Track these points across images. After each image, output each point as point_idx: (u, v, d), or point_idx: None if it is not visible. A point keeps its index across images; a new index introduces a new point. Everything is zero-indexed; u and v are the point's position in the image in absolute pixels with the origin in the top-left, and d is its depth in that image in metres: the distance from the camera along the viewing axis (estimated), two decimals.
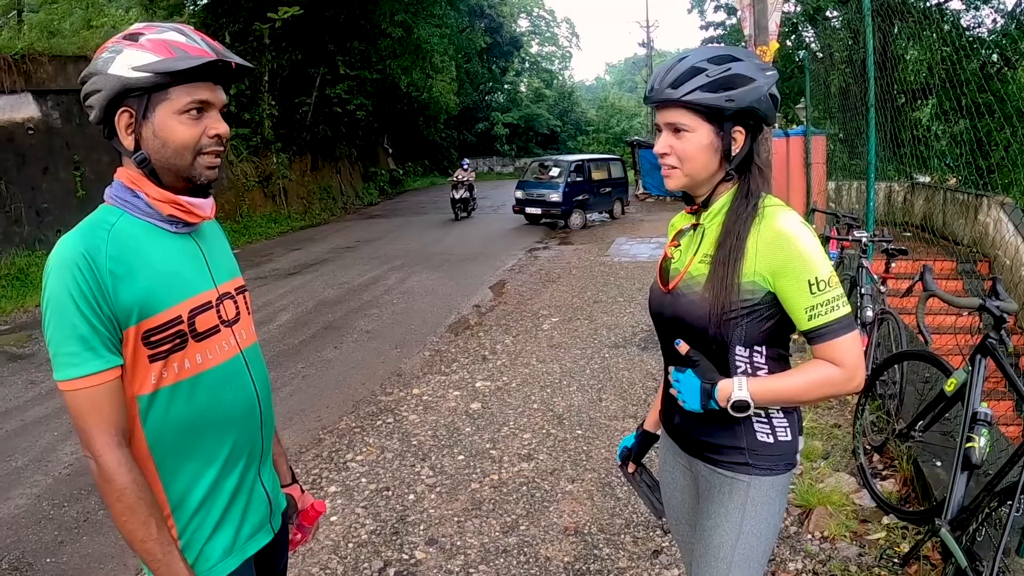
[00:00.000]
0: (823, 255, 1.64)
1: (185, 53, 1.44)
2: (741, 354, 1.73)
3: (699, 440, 1.85)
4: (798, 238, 1.63)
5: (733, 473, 1.78)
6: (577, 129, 59.92)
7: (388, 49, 26.31)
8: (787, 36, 21.55)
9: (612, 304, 9.10)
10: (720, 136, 1.68)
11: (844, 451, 4.32)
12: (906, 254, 5.12)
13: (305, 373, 6.76)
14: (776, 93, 1.69)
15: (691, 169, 1.72)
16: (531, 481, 4.35)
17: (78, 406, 1.39)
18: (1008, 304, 2.98)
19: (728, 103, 1.63)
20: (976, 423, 2.82)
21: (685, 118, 1.68)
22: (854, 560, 3.28)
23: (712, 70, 1.65)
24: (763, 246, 1.65)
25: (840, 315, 1.63)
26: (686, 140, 1.69)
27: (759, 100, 1.65)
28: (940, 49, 8.66)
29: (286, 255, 14.84)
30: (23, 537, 4.04)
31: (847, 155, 11.77)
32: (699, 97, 1.64)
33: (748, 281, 1.66)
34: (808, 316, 1.63)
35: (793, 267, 1.62)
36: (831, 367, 1.65)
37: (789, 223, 1.65)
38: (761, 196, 1.72)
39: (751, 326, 1.70)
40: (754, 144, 1.73)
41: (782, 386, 1.68)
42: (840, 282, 1.66)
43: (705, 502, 1.86)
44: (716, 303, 1.68)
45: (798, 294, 1.63)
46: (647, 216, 20.77)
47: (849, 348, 1.64)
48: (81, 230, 1.45)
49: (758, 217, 1.68)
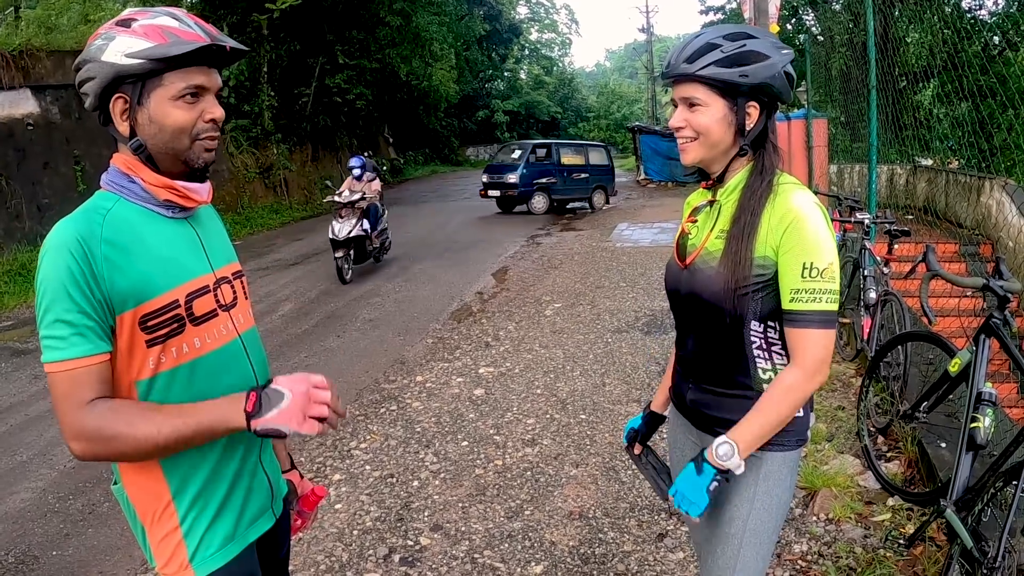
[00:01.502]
0: (829, 243, 1.64)
1: (178, 38, 1.42)
2: (756, 329, 1.74)
3: (713, 416, 1.85)
4: (807, 218, 1.64)
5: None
6: (578, 116, 59.88)
7: (387, 38, 26.18)
8: (787, 20, 21.41)
9: (615, 289, 9.09)
10: (734, 111, 1.70)
11: (848, 433, 4.31)
12: (909, 235, 5.10)
13: (308, 362, 6.77)
14: (791, 71, 1.70)
15: (707, 142, 1.73)
16: (535, 466, 4.35)
17: (59, 389, 1.38)
18: (1012, 284, 2.96)
19: (742, 78, 1.65)
20: (980, 403, 2.81)
21: (700, 92, 1.70)
22: (859, 542, 3.28)
23: (727, 46, 1.67)
24: (775, 222, 1.67)
25: (820, 308, 1.63)
26: (700, 113, 1.71)
27: (773, 77, 1.66)
28: (941, 31, 8.62)
29: (288, 245, 14.84)
30: (29, 530, 4.05)
31: (849, 138, 11.72)
32: (713, 72, 1.66)
33: (760, 256, 1.68)
34: (790, 297, 1.65)
35: (794, 244, 1.64)
36: (787, 374, 1.68)
37: (802, 202, 1.67)
38: (777, 173, 1.74)
39: (765, 301, 1.71)
40: (768, 121, 1.75)
41: (761, 423, 1.68)
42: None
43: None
44: (731, 278, 1.69)
45: (790, 272, 1.65)
46: (649, 201, 20.72)
47: (814, 343, 1.65)
48: (77, 215, 1.44)
49: (772, 193, 1.70)
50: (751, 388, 1.77)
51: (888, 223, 5.14)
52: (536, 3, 63.89)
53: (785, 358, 1.75)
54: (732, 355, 1.78)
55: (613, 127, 56.62)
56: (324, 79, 23.77)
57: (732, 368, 1.79)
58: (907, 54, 10.68)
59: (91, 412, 1.38)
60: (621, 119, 55.58)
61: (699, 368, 1.88)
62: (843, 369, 5.44)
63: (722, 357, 1.81)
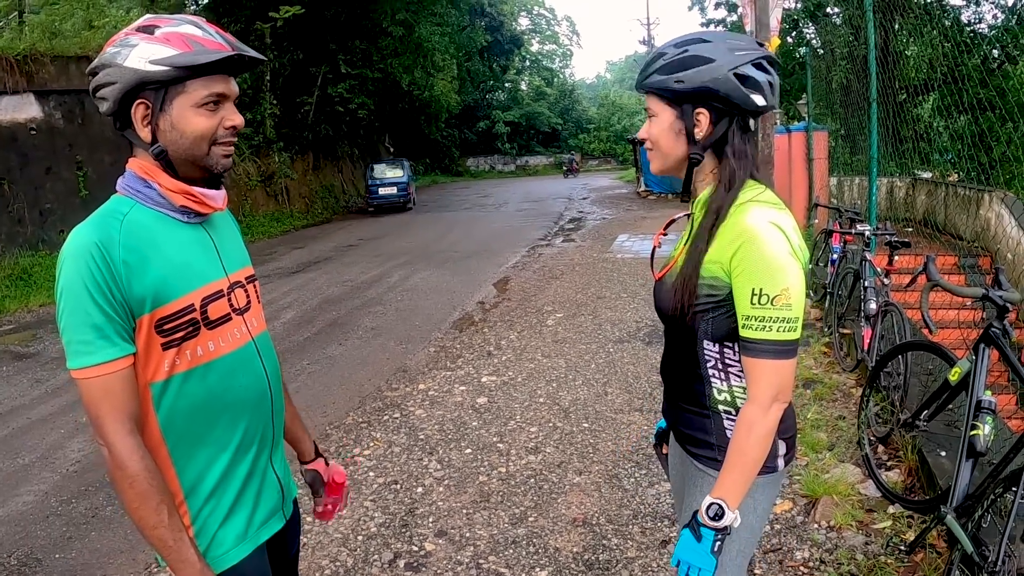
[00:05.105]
0: (785, 267, 1.54)
1: (202, 47, 1.45)
2: (710, 349, 1.70)
3: (681, 430, 1.85)
4: (759, 240, 1.55)
5: (704, 467, 1.77)
6: (578, 127, 60.01)
7: (389, 48, 26.34)
8: (788, 32, 21.51)
9: (615, 300, 9.12)
10: (682, 119, 1.66)
11: (849, 442, 4.33)
12: (909, 246, 5.14)
13: (311, 369, 6.79)
14: (749, 73, 1.60)
15: (659, 153, 1.72)
16: (539, 473, 4.37)
17: (91, 394, 1.40)
18: (1011, 294, 3.00)
19: (677, 84, 1.62)
20: (980, 411, 2.84)
21: (652, 103, 1.70)
22: (860, 548, 3.30)
23: (671, 53, 1.65)
24: (726, 241, 1.59)
25: (771, 338, 1.55)
26: (653, 124, 1.71)
27: (715, 80, 1.58)
28: (941, 45, 8.67)
29: (289, 253, 14.88)
30: (32, 533, 4.07)
31: (849, 151, 11.78)
32: (654, 80, 1.66)
33: (710, 275, 1.62)
34: (742, 323, 1.58)
35: (745, 268, 1.56)
36: (745, 410, 1.60)
37: (756, 221, 1.57)
38: (747, 187, 1.65)
39: (718, 322, 1.65)
40: (729, 130, 1.66)
41: (739, 470, 1.61)
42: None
43: (686, 492, 1.87)
44: (680, 293, 1.65)
45: (741, 298, 1.57)
46: (649, 213, 20.74)
47: (764, 374, 1.57)
48: (94, 220, 1.46)
49: (735, 208, 1.62)
50: (707, 407, 1.74)
51: (888, 235, 5.18)
52: (538, 14, 64.21)
53: (743, 379, 1.68)
54: (691, 373, 1.76)
55: (613, 139, 56.74)
56: (326, 88, 23.89)
57: (690, 385, 1.77)
58: (907, 67, 10.74)
59: (128, 440, 1.42)
60: (621, 131, 55.60)
61: (669, 381, 1.89)
62: (844, 379, 5.46)
63: (683, 373, 1.79)
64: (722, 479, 1.62)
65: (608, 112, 60.74)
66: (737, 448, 1.61)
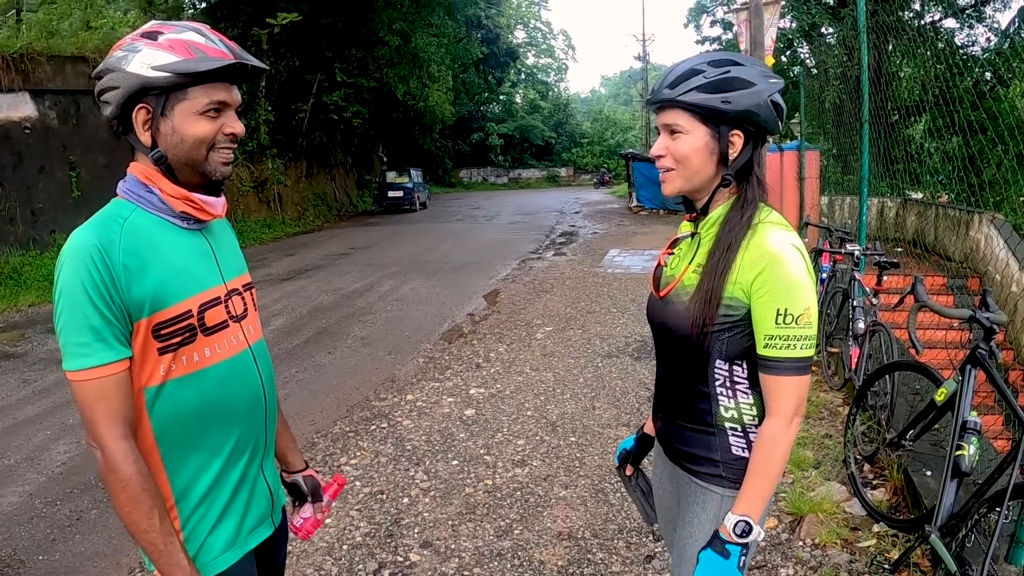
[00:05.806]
0: (806, 287, 1.59)
1: (204, 55, 1.46)
2: (720, 368, 1.71)
3: (677, 448, 1.85)
4: (783, 261, 1.58)
5: (707, 484, 1.78)
6: (572, 141, 60.21)
7: (385, 57, 26.39)
8: (782, 52, 21.71)
9: (605, 315, 9.14)
10: (717, 139, 1.64)
11: (835, 461, 4.35)
12: (898, 267, 5.18)
13: (299, 377, 6.77)
14: (780, 102, 1.64)
15: (686, 172, 1.68)
16: (525, 486, 4.37)
17: (86, 397, 1.41)
18: (998, 316, 3.03)
19: (724, 104, 1.60)
20: (966, 431, 2.87)
21: (681, 119, 1.65)
22: (844, 567, 3.31)
23: (710, 72, 1.62)
24: (748, 262, 1.61)
25: (795, 355, 1.59)
26: (681, 141, 1.66)
27: (758, 105, 1.60)
28: (934, 67, 8.75)
29: (280, 260, 14.85)
30: (15, 534, 4.04)
31: (840, 171, 11.86)
32: (695, 97, 1.61)
33: (729, 296, 1.63)
34: (764, 343, 1.61)
35: (769, 289, 1.59)
36: (767, 427, 1.64)
37: (779, 243, 1.60)
38: (759, 208, 1.68)
39: (733, 341, 1.67)
40: (755, 153, 1.69)
41: (761, 485, 1.64)
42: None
43: (683, 510, 1.86)
44: (699, 315, 1.66)
45: (764, 318, 1.60)
46: (640, 229, 20.81)
47: (787, 391, 1.61)
48: (95, 223, 1.46)
49: (751, 231, 1.64)
50: (713, 425, 1.75)
51: (878, 255, 5.21)
52: (534, 28, 64.51)
53: (750, 396, 1.72)
54: (696, 391, 1.76)
55: (606, 153, 56.97)
56: (321, 96, 23.92)
57: (695, 403, 1.77)
58: (900, 88, 10.83)
59: (121, 444, 1.42)
60: (615, 146, 55.90)
61: (667, 399, 1.88)
62: (830, 398, 5.49)
63: (686, 391, 1.79)
64: (745, 495, 1.64)
65: (602, 127, 61.06)
66: (760, 463, 1.64)
